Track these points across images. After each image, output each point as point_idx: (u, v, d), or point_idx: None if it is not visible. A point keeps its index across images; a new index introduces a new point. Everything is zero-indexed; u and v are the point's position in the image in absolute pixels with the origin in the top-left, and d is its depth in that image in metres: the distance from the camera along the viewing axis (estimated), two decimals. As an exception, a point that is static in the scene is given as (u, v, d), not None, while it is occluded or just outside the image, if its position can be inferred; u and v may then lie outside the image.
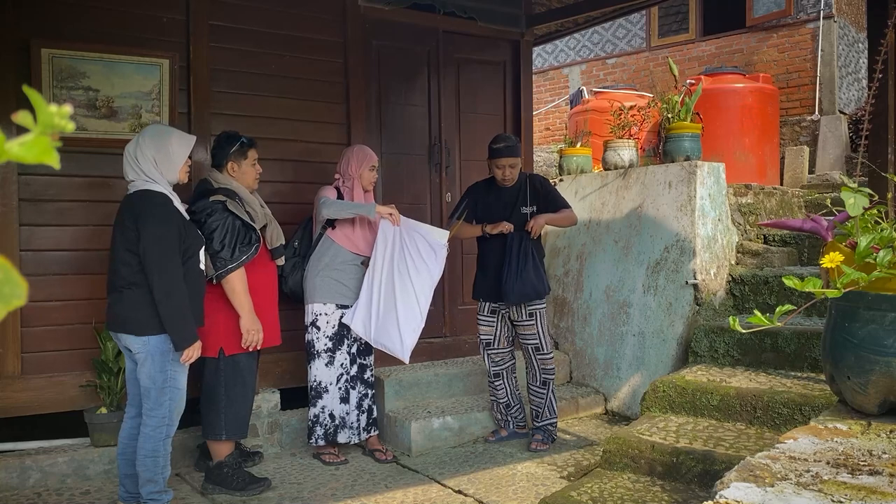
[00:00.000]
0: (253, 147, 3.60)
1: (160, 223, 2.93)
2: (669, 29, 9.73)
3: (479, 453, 4.10)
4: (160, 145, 3.01)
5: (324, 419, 3.88)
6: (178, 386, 3.04)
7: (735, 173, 5.86)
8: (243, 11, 4.31)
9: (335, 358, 3.88)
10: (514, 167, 4.04)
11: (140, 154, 2.99)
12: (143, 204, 2.96)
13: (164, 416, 3.00)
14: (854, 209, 1.73)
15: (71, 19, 3.83)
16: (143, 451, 3.00)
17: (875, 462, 1.46)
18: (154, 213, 2.94)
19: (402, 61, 5.03)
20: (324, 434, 3.87)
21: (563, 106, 10.38)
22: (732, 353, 4.12)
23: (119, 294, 3.00)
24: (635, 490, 3.12)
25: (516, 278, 3.93)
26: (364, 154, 3.97)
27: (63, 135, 0.51)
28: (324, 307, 3.86)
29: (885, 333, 1.65)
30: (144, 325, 2.95)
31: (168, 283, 2.91)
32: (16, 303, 0.51)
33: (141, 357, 2.98)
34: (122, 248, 2.98)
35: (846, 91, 8.59)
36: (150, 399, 2.99)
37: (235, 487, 3.48)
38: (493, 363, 4.23)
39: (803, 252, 5.13)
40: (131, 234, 2.95)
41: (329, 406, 3.88)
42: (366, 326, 3.77)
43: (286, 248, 3.82)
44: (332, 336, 3.87)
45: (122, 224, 3.01)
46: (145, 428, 3.00)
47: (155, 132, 3.07)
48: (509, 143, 4.04)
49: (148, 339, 2.96)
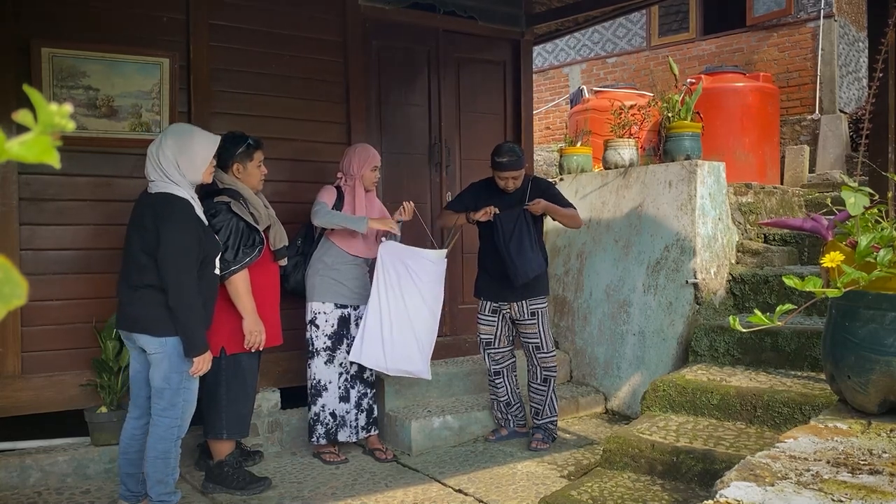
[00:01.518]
0: (259, 148, 3.59)
1: (181, 230, 2.89)
2: (670, 28, 9.72)
3: (480, 452, 4.10)
4: (183, 145, 2.97)
5: (324, 417, 3.88)
6: (192, 387, 3.03)
7: (735, 172, 5.86)
8: (243, 11, 4.31)
9: (335, 357, 3.88)
10: (518, 178, 4.03)
11: (162, 154, 2.94)
12: (164, 208, 2.91)
13: (177, 418, 2.99)
14: (854, 208, 1.73)
15: (71, 19, 3.82)
16: (153, 451, 2.98)
17: (875, 461, 1.46)
18: (175, 220, 2.90)
19: (402, 61, 5.03)
20: (325, 433, 3.87)
21: (564, 105, 10.38)
22: (733, 353, 4.12)
23: (134, 293, 2.96)
24: (635, 489, 3.12)
25: (519, 257, 3.90)
26: (366, 154, 3.96)
27: (63, 134, 0.51)
28: (322, 306, 3.86)
29: (885, 333, 1.64)
30: (162, 326, 2.91)
31: (184, 292, 2.88)
32: (16, 302, 0.51)
33: (158, 357, 2.94)
34: (138, 249, 2.94)
35: (846, 90, 8.58)
36: (164, 400, 2.96)
37: (236, 487, 3.48)
38: (493, 362, 4.24)
39: (804, 251, 5.13)
40: (150, 235, 2.90)
41: (329, 405, 3.88)
42: (378, 358, 3.77)
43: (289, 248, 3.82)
44: (332, 335, 3.87)
45: (140, 224, 2.95)
46: (157, 429, 2.98)
47: (178, 131, 3.03)
48: (512, 156, 3.96)
49: (166, 339, 2.93)
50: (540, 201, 3.98)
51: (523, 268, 3.91)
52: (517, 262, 3.91)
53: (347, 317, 3.93)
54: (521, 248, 3.92)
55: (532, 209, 3.97)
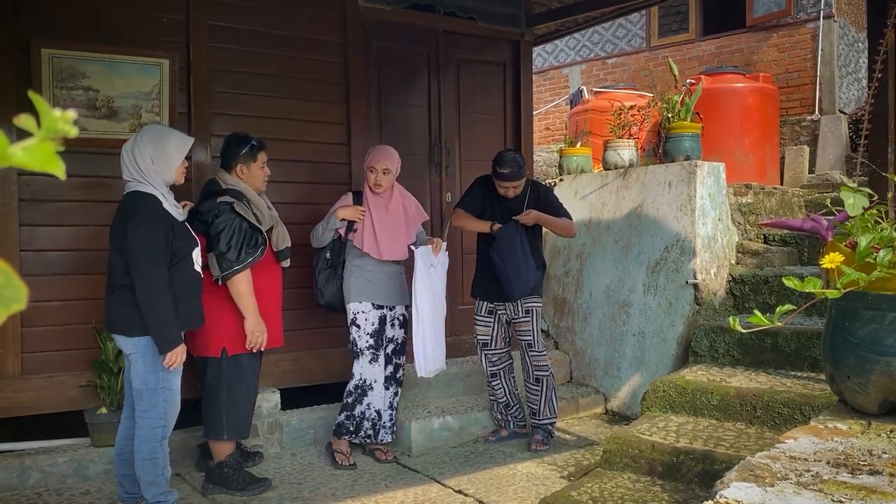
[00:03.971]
0: (262, 149, 3.59)
1: (145, 225, 2.90)
2: (669, 29, 9.72)
3: (480, 453, 4.10)
4: (158, 145, 2.99)
5: (371, 415, 3.89)
6: (171, 387, 3.03)
7: (735, 173, 5.86)
8: (243, 11, 4.31)
9: (378, 355, 3.90)
10: (518, 187, 4.04)
11: (137, 153, 2.97)
12: (131, 205, 2.96)
13: (159, 418, 2.99)
14: (854, 209, 1.73)
15: (71, 19, 3.82)
16: (140, 454, 2.98)
17: (875, 462, 1.46)
18: (140, 215, 2.92)
19: (402, 61, 5.03)
20: (372, 431, 3.89)
21: (563, 106, 10.38)
22: (732, 353, 4.12)
23: (111, 295, 3.01)
24: (635, 490, 3.12)
25: (515, 276, 3.93)
26: (369, 155, 3.96)
27: (66, 138, 0.51)
28: (360, 305, 3.87)
29: (885, 333, 1.65)
30: (135, 326, 2.94)
31: (150, 286, 2.88)
32: (16, 307, 0.51)
33: (133, 358, 2.98)
34: (114, 249, 3.00)
35: (846, 91, 8.59)
36: (144, 401, 2.98)
37: (236, 488, 3.48)
38: (490, 363, 4.24)
39: (803, 252, 5.13)
40: (120, 234, 2.95)
41: (375, 403, 3.89)
42: (419, 364, 3.89)
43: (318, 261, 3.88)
44: (373, 333, 3.88)
45: (114, 225, 3.02)
46: (141, 430, 2.98)
47: (153, 132, 3.06)
48: (514, 167, 3.94)
49: (138, 339, 2.95)
50: (531, 212, 3.98)
51: (518, 286, 3.96)
52: (512, 279, 3.94)
53: (384, 317, 3.95)
54: (516, 266, 3.93)
55: (524, 220, 3.97)
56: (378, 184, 3.89)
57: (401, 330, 4.02)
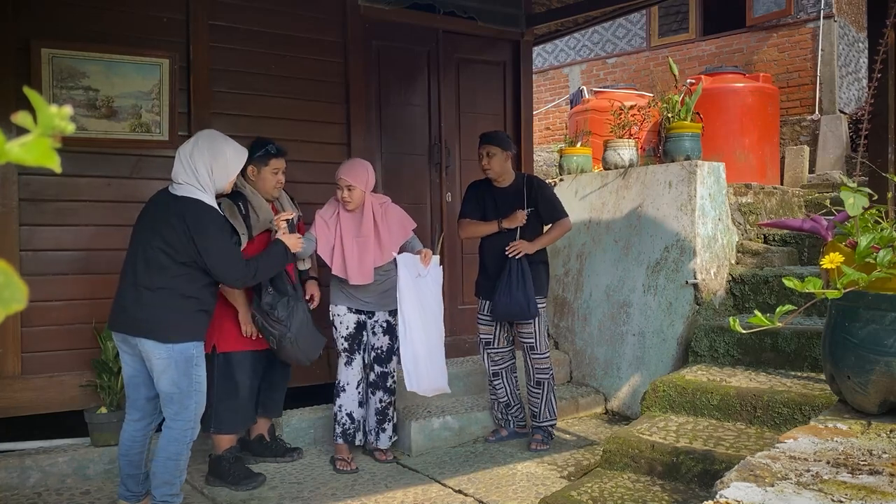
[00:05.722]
0: (276, 157, 3.59)
1: (223, 237, 2.99)
2: (669, 28, 9.73)
3: (479, 453, 4.10)
4: (217, 153, 2.99)
5: (341, 418, 3.88)
6: (201, 389, 3.04)
7: (735, 173, 5.86)
8: (243, 11, 4.31)
9: (353, 359, 3.89)
10: (493, 156, 4.00)
11: (198, 158, 2.95)
12: (200, 216, 2.91)
13: (190, 420, 2.99)
14: (854, 209, 1.73)
15: (71, 19, 3.83)
16: (165, 452, 2.98)
17: (875, 462, 1.46)
18: (216, 226, 2.96)
19: (402, 61, 5.03)
20: (342, 433, 3.87)
21: (564, 106, 10.38)
22: (732, 353, 4.11)
23: (139, 296, 2.89)
24: (635, 490, 3.12)
25: (507, 296, 3.94)
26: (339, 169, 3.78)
27: (63, 135, 0.51)
28: (336, 308, 3.88)
29: (885, 333, 1.65)
30: (169, 332, 2.88)
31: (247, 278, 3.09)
32: (16, 307, 0.51)
33: (163, 363, 2.89)
34: (157, 249, 2.88)
35: (846, 91, 8.59)
36: (175, 403, 2.96)
37: (231, 481, 3.56)
38: (492, 363, 4.24)
39: (803, 252, 5.13)
40: (178, 239, 2.87)
41: (346, 406, 3.88)
42: (408, 377, 3.79)
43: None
44: (348, 337, 3.87)
45: (165, 224, 2.89)
46: (172, 432, 2.98)
47: (212, 139, 3.05)
48: (493, 133, 4.10)
49: (172, 346, 2.89)
50: (522, 243, 3.96)
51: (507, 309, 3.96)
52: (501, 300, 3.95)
53: (363, 323, 3.92)
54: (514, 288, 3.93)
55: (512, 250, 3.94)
56: (346, 199, 3.71)
57: (385, 337, 3.92)
